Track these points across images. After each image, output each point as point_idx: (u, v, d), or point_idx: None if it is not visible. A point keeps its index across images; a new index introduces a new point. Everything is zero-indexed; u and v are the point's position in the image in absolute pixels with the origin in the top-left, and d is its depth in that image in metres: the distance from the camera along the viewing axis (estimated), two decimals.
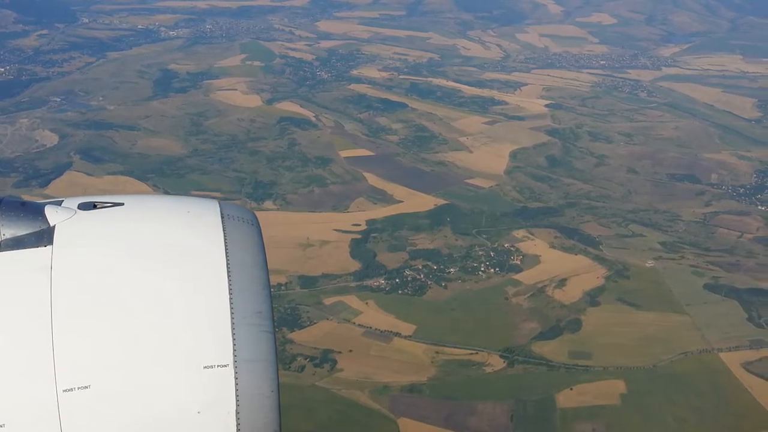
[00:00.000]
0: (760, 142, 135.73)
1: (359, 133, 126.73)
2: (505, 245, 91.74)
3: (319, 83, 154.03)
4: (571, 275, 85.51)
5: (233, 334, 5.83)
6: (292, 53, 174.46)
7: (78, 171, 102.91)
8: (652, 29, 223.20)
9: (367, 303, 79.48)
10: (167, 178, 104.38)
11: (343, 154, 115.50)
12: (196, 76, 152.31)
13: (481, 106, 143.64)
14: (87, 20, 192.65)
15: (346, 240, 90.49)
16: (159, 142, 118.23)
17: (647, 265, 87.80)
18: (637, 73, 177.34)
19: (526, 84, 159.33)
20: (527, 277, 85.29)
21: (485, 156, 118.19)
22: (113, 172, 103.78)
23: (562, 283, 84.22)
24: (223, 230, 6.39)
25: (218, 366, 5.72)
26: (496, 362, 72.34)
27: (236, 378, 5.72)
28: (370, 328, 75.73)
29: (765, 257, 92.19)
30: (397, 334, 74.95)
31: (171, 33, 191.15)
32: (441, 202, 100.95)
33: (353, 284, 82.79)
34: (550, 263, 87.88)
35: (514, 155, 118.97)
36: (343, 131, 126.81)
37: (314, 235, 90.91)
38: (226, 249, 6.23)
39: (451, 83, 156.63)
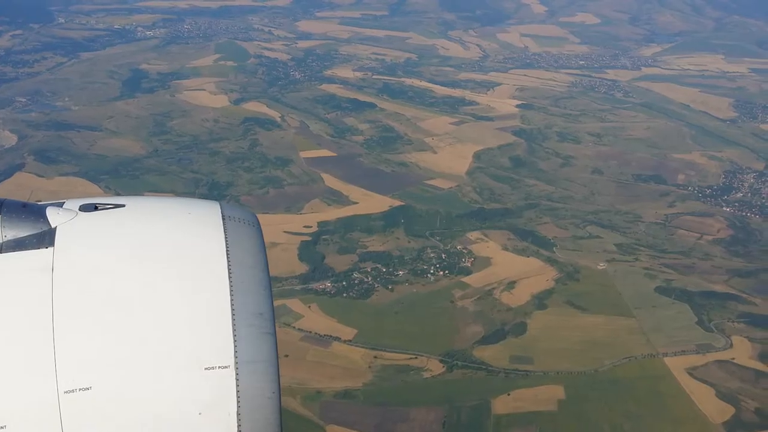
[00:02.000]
0: (732, 143, 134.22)
1: (324, 133, 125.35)
2: (458, 247, 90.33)
3: (290, 83, 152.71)
4: (521, 278, 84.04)
5: (234, 335, 5.81)
6: (267, 53, 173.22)
7: (29, 172, 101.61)
8: (635, 29, 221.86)
9: (309, 306, 78.06)
10: (121, 179, 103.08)
11: (304, 154, 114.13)
12: (166, 76, 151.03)
13: (452, 106, 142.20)
14: (63, 20, 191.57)
15: (296, 242, 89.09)
16: (119, 142, 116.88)
17: (599, 267, 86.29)
18: (615, 74, 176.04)
19: (500, 84, 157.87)
20: (476, 279, 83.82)
21: (449, 157, 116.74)
22: (66, 174, 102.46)
23: (511, 285, 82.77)
24: (224, 231, 6.39)
25: (219, 367, 5.69)
26: (435, 367, 70.86)
27: (237, 379, 5.69)
28: (310, 332, 74.32)
29: (722, 259, 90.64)
30: (337, 339, 73.54)
31: (148, 33, 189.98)
32: (397, 203, 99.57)
33: (298, 287, 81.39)
34: (501, 265, 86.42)
35: (477, 156, 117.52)
36: (308, 132, 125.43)
37: (264, 236, 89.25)
38: (227, 250, 6.22)
39: (424, 83, 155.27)
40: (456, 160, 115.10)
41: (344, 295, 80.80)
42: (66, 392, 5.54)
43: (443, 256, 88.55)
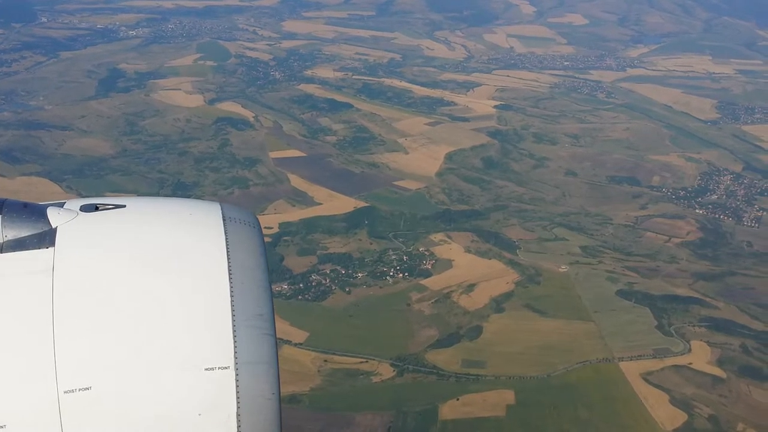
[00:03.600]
0: (712, 144, 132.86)
1: (297, 133, 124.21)
2: (420, 249, 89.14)
3: (269, 83, 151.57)
4: (482, 280, 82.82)
5: (234, 336, 5.77)
6: (249, 53, 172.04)
7: None
8: (623, 30, 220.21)
9: None
10: (85, 179, 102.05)
11: (273, 155, 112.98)
12: (143, 75, 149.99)
13: (429, 107, 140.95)
14: (45, 20, 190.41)
15: None
16: (89, 142, 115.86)
17: (561, 270, 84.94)
18: (600, 74, 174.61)
19: (480, 85, 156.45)
20: (435, 282, 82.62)
21: (420, 157, 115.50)
22: (29, 173, 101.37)
23: (470, 288, 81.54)
24: (225, 233, 6.35)
25: (219, 368, 5.66)
26: (385, 371, 69.71)
27: (237, 380, 5.66)
28: None
29: (687, 262, 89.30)
30: (288, 342, 72.14)
31: (131, 32, 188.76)
32: (361, 204, 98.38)
33: None
34: (462, 268, 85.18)
35: (449, 157, 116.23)
36: (280, 132, 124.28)
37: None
38: (227, 251, 6.18)
39: (404, 84, 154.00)
40: (427, 161, 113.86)
41: (300, 297, 79.65)
42: (66, 392, 5.50)
43: (405, 258, 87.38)
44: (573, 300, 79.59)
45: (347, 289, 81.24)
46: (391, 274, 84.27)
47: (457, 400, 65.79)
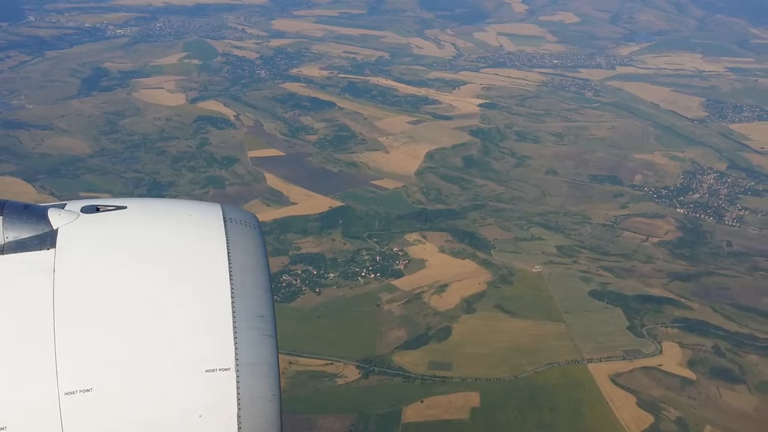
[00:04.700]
0: (697, 142, 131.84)
1: (278, 132, 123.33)
2: (394, 249, 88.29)
3: (254, 82, 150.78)
4: (454, 281, 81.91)
5: (235, 337, 5.79)
6: (236, 51, 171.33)
7: None
8: (615, 28, 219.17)
9: None
10: (60, 178, 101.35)
11: (252, 154, 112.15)
12: (127, 74, 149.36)
13: (413, 105, 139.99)
14: (33, 18, 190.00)
15: None
16: (67, 141, 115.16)
17: (534, 270, 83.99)
18: (588, 73, 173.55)
19: (467, 83, 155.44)
20: (407, 282, 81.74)
21: (400, 156, 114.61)
22: (3, 173, 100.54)
23: (442, 289, 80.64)
24: (226, 234, 6.36)
25: (220, 369, 5.67)
26: (351, 373, 68.84)
27: (238, 381, 5.67)
28: None
29: (664, 262, 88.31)
30: None
31: (118, 31, 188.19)
32: (337, 204, 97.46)
33: None
34: (435, 268, 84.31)
35: (430, 156, 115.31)
36: (261, 131, 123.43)
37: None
38: (228, 252, 6.19)
39: (389, 82, 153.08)
40: (407, 160, 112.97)
41: None
42: (67, 394, 5.50)
43: (378, 258, 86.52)
44: (545, 300, 78.65)
45: (317, 290, 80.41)
46: (363, 274, 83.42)
47: (422, 402, 64.88)
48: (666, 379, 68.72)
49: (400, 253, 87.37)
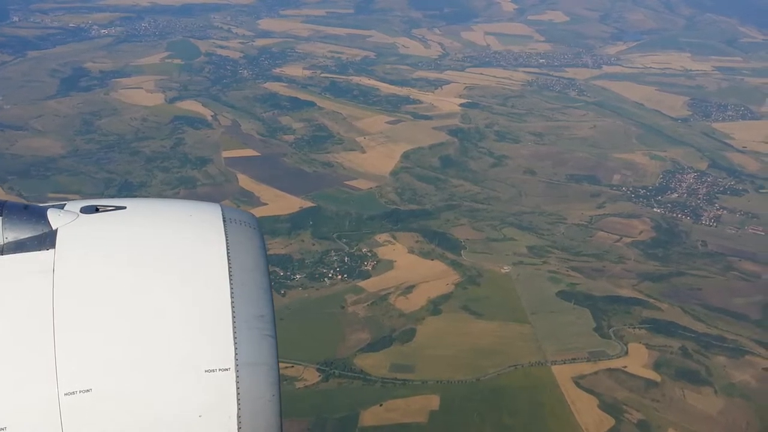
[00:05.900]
0: (679, 142, 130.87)
1: (255, 132, 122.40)
2: (363, 250, 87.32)
3: (235, 82, 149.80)
4: (421, 282, 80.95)
5: (235, 337, 5.78)
6: (219, 51, 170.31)
7: None
8: (604, 27, 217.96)
9: None
10: (30, 179, 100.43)
11: (226, 154, 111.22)
12: (107, 74, 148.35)
13: (394, 105, 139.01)
14: (17, 19, 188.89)
15: None
16: (41, 142, 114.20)
17: (503, 271, 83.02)
18: (574, 72, 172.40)
19: (450, 82, 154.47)
20: (373, 284, 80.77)
21: (377, 156, 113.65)
22: None
23: (408, 290, 79.65)
24: (225, 234, 6.35)
25: (219, 370, 5.66)
26: (311, 376, 67.77)
27: (237, 382, 5.65)
28: None
29: (635, 262, 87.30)
30: None
31: (103, 31, 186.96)
32: (308, 204, 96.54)
33: None
34: (403, 269, 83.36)
35: (406, 156, 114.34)
36: (238, 131, 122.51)
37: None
38: (228, 253, 6.18)
39: (372, 81, 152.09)
40: (383, 160, 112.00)
41: None
42: (66, 394, 5.49)
43: (346, 259, 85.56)
44: (512, 301, 77.66)
45: (282, 292, 79.42)
46: (330, 275, 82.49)
47: (381, 405, 63.88)
48: (630, 381, 67.70)
49: (368, 254, 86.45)
